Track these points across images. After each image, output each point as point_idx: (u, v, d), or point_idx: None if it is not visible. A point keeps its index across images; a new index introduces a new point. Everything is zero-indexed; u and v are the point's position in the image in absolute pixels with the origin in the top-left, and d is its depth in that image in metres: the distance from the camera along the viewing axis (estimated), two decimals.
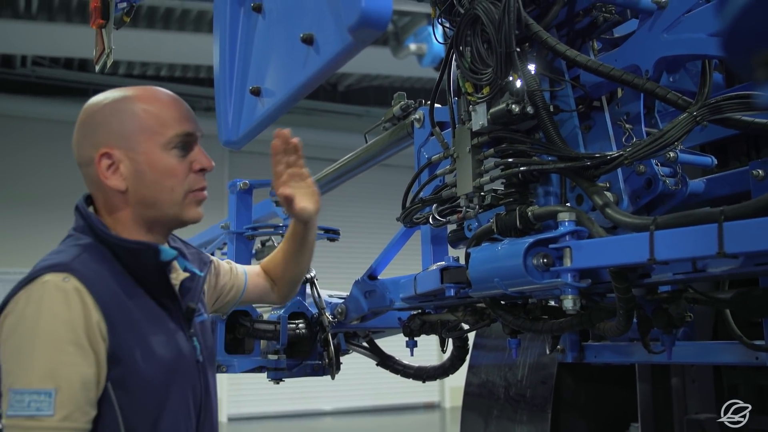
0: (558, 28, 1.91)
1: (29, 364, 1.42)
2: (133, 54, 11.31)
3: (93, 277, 1.53)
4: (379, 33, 1.48)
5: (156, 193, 1.65)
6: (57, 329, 1.45)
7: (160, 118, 1.65)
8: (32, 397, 1.40)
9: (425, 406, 14.61)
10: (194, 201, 1.70)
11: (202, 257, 1.93)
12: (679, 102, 1.62)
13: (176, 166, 1.65)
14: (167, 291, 1.67)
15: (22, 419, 1.39)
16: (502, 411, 2.91)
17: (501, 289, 1.79)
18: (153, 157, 1.64)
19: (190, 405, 1.65)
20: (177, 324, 1.68)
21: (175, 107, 1.69)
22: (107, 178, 1.64)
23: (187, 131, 1.67)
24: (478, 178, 1.89)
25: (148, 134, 1.63)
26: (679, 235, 1.44)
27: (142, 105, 1.66)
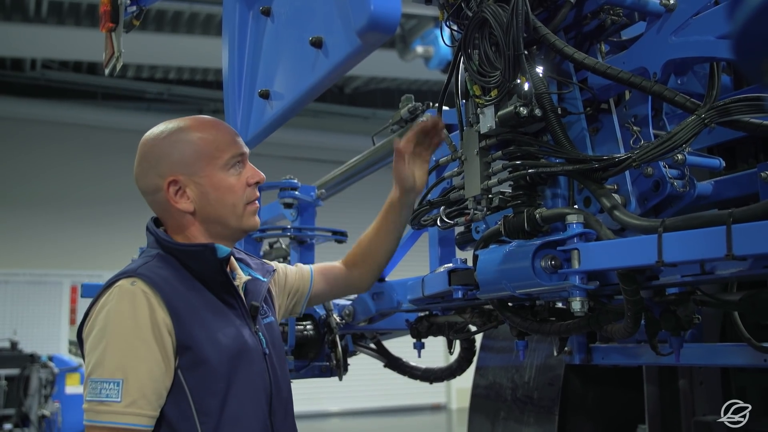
0: (566, 31, 1.92)
1: (102, 357, 1.65)
2: (141, 57, 11.35)
3: (158, 279, 1.72)
4: (388, 36, 1.48)
5: (220, 210, 1.85)
6: (125, 327, 1.66)
7: (216, 143, 1.83)
8: (104, 386, 1.63)
9: (432, 407, 14.61)
10: (252, 211, 1.89)
11: (266, 267, 2.10)
12: (687, 104, 1.62)
13: (234, 183, 1.85)
14: (229, 289, 1.84)
15: (96, 404, 1.63)
16: (509, 412, 2.91)
17: (509, 291, 1.79)
18: (214, 179, 1.83)
19: (260, 391, 1.81)
20: (242, 320, 1.84)
21: (226, 132, 1.88)
22: (177, 202, 1.83)
23: (239, 152, 1.86)
24: (486, 181, 1.89)
25: (207, 159, 1.82)
26: (687, 238, 1.44)
27: (197, 134, 1.84)
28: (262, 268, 2.08)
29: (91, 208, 12.71)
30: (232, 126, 2.21)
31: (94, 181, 12.68)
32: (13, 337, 8.98)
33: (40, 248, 12.58)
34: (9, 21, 10.04)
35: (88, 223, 12.69)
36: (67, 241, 12.60)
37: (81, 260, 12.42)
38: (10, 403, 8.35)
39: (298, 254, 3.26)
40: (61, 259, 12.54)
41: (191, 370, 1.71)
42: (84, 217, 12.73)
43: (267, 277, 2.05)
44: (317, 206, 3.40)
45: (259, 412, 1.80)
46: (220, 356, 1.73)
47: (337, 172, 3.68)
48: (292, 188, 3.31)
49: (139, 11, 3.01)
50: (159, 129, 1.88)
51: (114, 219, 12.49)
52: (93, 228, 12.58)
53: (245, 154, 1.89)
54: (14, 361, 8.54)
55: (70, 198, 12.82)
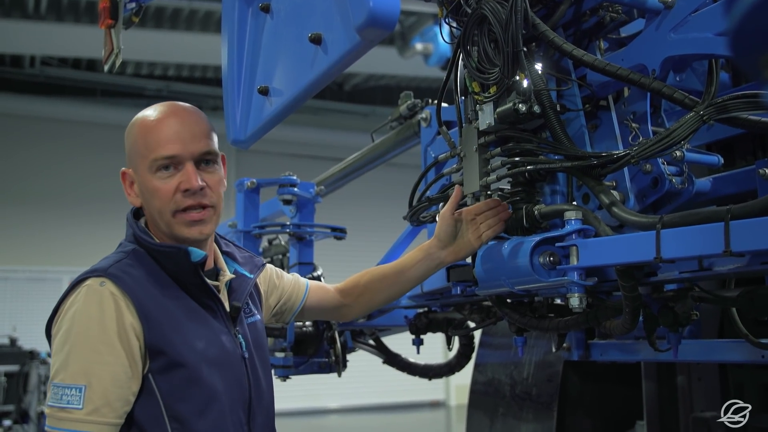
0: (565, 28, 1.92)
1: (66, 361, 1.58)
2: (140, 54, 11.34)
3: (129, 281, 1.64)
4: (387, 33, 1.48)
5: (152, 211, 1.76)
6: (90, 330, 1.59)
7: (147, 141, 1.73)
8: (65, 391, 1.56)
9: (431, 404, 14.62)
10: (183, 222, 1.73)
11: (255, 261, 2.00)
12: (685, 101, 1.62)
13: (160, 187, 1.72)
14: (206, 291, 1.74)
15: (56, 410, 1.56)
16: (507, 409, 2.91)
17: (507, 288, 1.79)
18: (143, 178, 1.74)
19: (236, 398, 1.73)
20: (220, 322, 1.76)
21: (166, 129, 1.73)
22: (129, 195, 1.80)
23: (166, 154, 1.71)
24: (485, 177, 1.89)
25: (139, 157, 1.74)
26: (685, 234, 1.45)
27: (138, 128, 1.76)
28: (250, 262, 1.97)
29: (90, 205, 12.71)
30: (231, 123, 2.20)
31: (93, 178, 12.67)
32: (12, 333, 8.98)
33: (40, 245, 12.58)
34: (8, 17, 10.03)
35: (87, 219, 12.69)
36: (66, 238, 12.60)
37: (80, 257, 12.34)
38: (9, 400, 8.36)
39: (297, 251, 3.26)
40: (61, 255, 12.54)
41: (163, 375, 1.63)
42: (83, 214, 12.73)
43: (255, 272, 1.95)
44: (316, 203, 3.41)
45: (236, 419, 1.72)
46: (195, 361, 1.65)
47: (336, 169, 3.68)
48: (291, 185, 3.32)
49: (139, 8, 3.01)
50: (132, 121, 1.81)
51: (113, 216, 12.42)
52: (92, 225, 12.57)
53: (179, 156, 1.71)
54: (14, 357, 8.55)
55: (69, 195, 12.82)
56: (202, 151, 1.74)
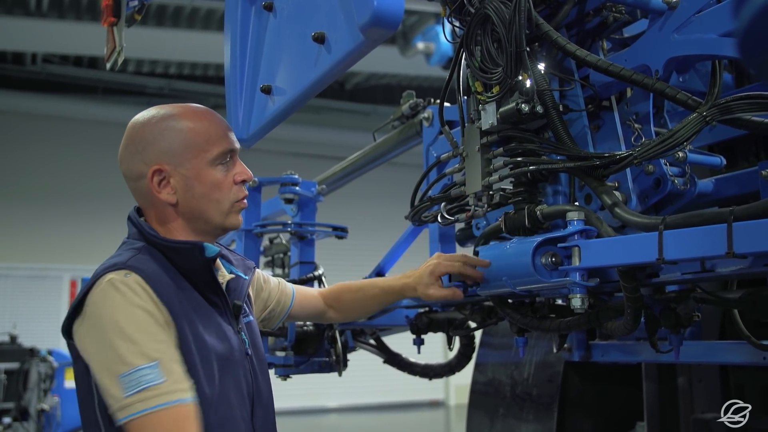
0: (568, 28, 1.92)
1: (124, 350, 1.53)
2: (141, 52, 11.33)
3: (150, 272, 1.64)
4: (391, 32, 1.48)
5: (204, 205, 1.77)
6: (135, 314, 1.57)
7: (207, 135, 1.76)
8: (140, 374, 1.51)
9: (430, 403, 14.62)
10: (237, 209, 1.82)
11: (247, 263, 2.02)
12: (688, 102, 1.62)
13: (222, 180, 1.77)
14: (214, 288, 1.77)
15: (139, 394, 1.50)
16: (508, 409, 2.91)
17: (509, 288, 1.79)
18: (201, 172, 1.75)
19: (244, 393, 1.75)
20: (225, 319, 1.78)
21: (218, 124, 1.80)
22: (159, 192, 1.75)
23: (230, 148, 1.79)
24: (487, 177, 1.89)
25: (195, 151, 1.74)
26: (688, 235, 1.45)
27: (187, 123, 1.75)
28: (242, 264, 2.00)
29: (91, 203, 12.71)
30: (233, 121, 2.20)
31: (94, 176, 12.67)
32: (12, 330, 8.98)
33: (40, 242, 12.58)
34: (10, 15, 10.02)
35: (88, 217, 12.69)
36: (67, 236, 12.61)
37: (81, 255, 12.42)
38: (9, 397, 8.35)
39: (298, 250, 3.26)
40: (61, 253, 12.54)
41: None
42: (84, 212, 12.74)
43: (248, 274, 1.97)
44: (318, 202, 3.40)
45: (244, 415, 1.73)
46: (208, 357, 1.66)
47: (338, 168, 3.68)
48: (293, 184, 3.32)
49: (141, 5, 3.00)
50: (150, 113, 1.79)
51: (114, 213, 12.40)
52: (93, 222, 12.58)
53: (236, 150, 1.82)
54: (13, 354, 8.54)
55: (70, 192, 12.83)
56: (239, 146, 1.85)
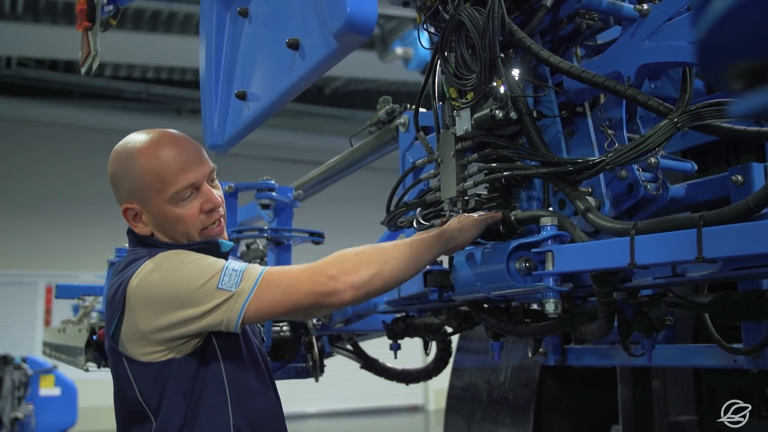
0: (542, 35, 1.93)
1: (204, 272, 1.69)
2: (119, 56, 11.26)
3: None
4: (364, 38, 1.48)
5: (175, 235, 1.84)
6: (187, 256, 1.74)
7: (161, 176, 1.78)
8: (228, 271, 1.69)
9: (409, 408, 14.62)
10: (209, 234, 1.86)
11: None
12: (660, 108, 1.64)
13: (184, 214, 1.81)
14: None
15: (246, 272, 1.70)
16: (484, 413, 2.92)
17: (484, 293, 1.80)
18: (162, 210, 1.80)
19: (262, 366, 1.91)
20: None
21: (176, 160, 1.80)
22: (135, 226, 1.86)
23: (187, 184, 1.79)
24: (462, 183, 1.90)
25: (153, 192, 1.79)
26: (659, 240, 1.46)
27: (144, 163, 1.79)
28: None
29: (67, 209, 12.58)
30: (208, 127, 2.19)
31: (70, 181, 12.55)
32: None
33: (15, 249, 12.43)
34: None
35: (64, 223, 12.56)
36: (42, 242, 12.47)
37: (56, 261, 12.30)
38: None
39: (275, 255, 3.25)
40: (37, 259, 12.40)
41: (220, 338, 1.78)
42: (60, 218, 12.60)
43: None
44: (294, 207, 3.40)
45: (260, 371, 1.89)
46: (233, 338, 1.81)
47: (315, 173, 3.68)
48: (270, 189, 3.31)
49: (116, 10, 2.99)
50: (119, 148, 1.86)
51: (90, 220, 12.37)
52: (69, 229, 12.46)
53: (199, 181, 1.82)
54: None
55: (45, 198, 12.69)
56: (210, 169, 1.85)
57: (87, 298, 5.01)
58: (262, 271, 1.69)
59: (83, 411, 8.23)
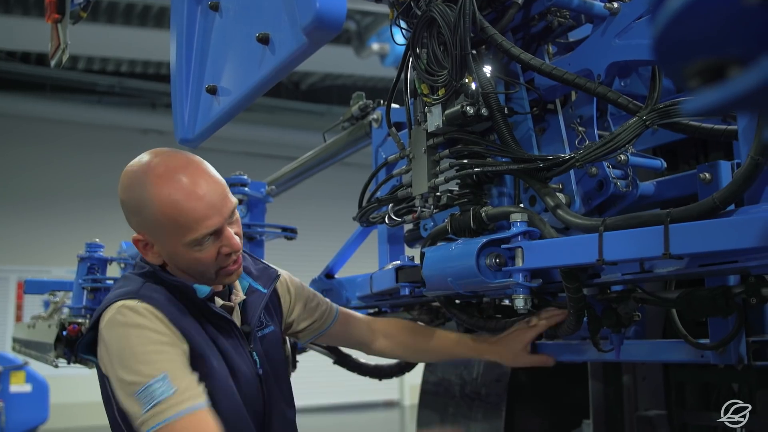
0: (514, 32, 1.93)
1: (137, 369, 1.60)
2: (92, 49, 11.14)
3: (159, 300, 1.71)
4: (334, 34, 1.48)
5: (190, 271, 1.78)
6: (146, 336, 1.63)
7: (178, 222, 1.68)
8: (152, 389, 1.57)
9: (385, 403, 14.64)
10: (225, 274, 1.79)
11: (269, 272, 2.01)
12: (629, 106, 1.65)
13: (202, 258, 1.74)
14: (219, 317, 1.80)
15: (154, 408, 1.56)
16: (457, 408, 2.93)
17: (454, 289, 1.81)
18: (177, 250, 1.73)
19: (252, 416, 1.79)
20: (235, 340, 1.82)
21: (197, 206, 1.69)
22: (146, 254, 1.79)
23: (207, 232, 1.70)
24: (434, 179, 1.90)
25: (168, 234, 1.71)
26: (626, 237, 1.48)
27: (160, 205, 1.68)
28: (265, 274, 2.00)
29: (38, 203, 12.43)
30: (179, 121, 2.18)
31: (42, 175, 12.41)
32: None
33: None
34: None
35: (36, 218, 12.41)
36: (13, 237, 12.31)
37: (28, 256, 12.15)
38: None
39: (248, 250, 3.24)
40: (8, 254, 12.24)
41: None
42: (31, 212, 12.44)
43: (269, 285, 1.97)
44: (267, 203, 3.39)
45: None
46: (214, 382, 1.71)
47: (288, 169, 3.67)
48: (242, 184, 3.29)
49: (87, 3, 2.95)
50: (130, 176, 1.74)
51: (62, 214, 12.24)
52: (40, 223, 12.31)
53: (218, 228, 1.72)
54: None
55: (16, 192, 12.53)
56: (231, 209, 1.76)
57: (57, 294, 4.96)
58: (169, 418, 1.55)
59: (55, 408, 8.15)
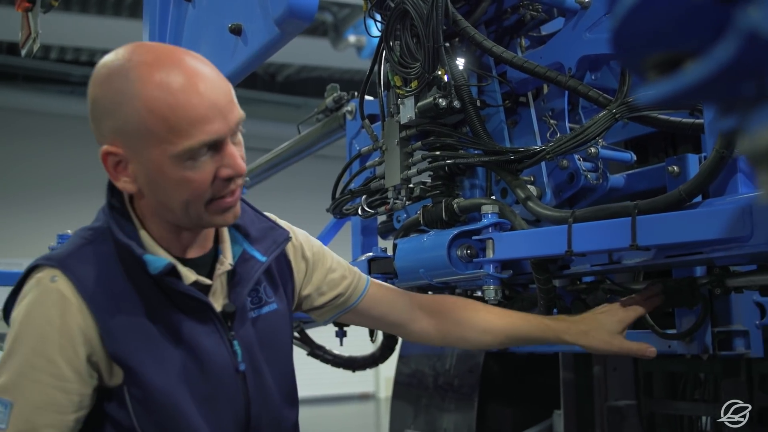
0: (487, 25, 1.95)
1: (3, 365, 1.30)
2: (66, 38, 10.99)
3: (87, 278, 1.31)
4: (305, 25, 1.49)
5: (170, 203, 1.32)
6: (29, 338, 1.28)
7: (170, 121, 1.23)
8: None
9: (360, 396, 14.68)
10: (217, 210, 1.33)
11: (275, 234, 1.52)
12: (599, 99, 1.68)
13: (193, 178, 1.27)
14: (186, 296, 1.36)
15: None
16: (430, 399, 2.95)
17: (426, 280, 1.82)
18: (161, 167, 1.27)
19: (226, 422, 1.39)
20: (210, 327, 1.39)
21: (198, 101, 1.25)
22: (116, 178, 1.32)
23: (207, 141, 1.25)
24: (406, 171, 1.92)
25: (153, 140, 1.25)
26: (595, 228, 1.50)
27: (148, 97, 1.23)
28: (268, 236, 1.51)
29: (10, 193, 12.29)
30: None
31: (14, 166, 12.26)
32: None
33: None
34: None
35: (7, 208, 12.27)
36: None
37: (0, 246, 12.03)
38: None
39: None
40: None
41: (137, 395, 1.31)
42: (2, 203, 12.31)
43: (271, 251, 1.49)
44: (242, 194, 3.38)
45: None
46: (171, 386, 1.32)
47: (263, 161, 3.67)
48: None
49: None
50: (109, 65, 1.30)
51: (35, 205, 12.11)
52: (12, 214, 12.18)
53: (220, 138, 1.27)
54: None
55: None
56: (238, 120, 1.31)
57: None
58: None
59: None
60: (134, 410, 1.31)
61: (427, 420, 2.98)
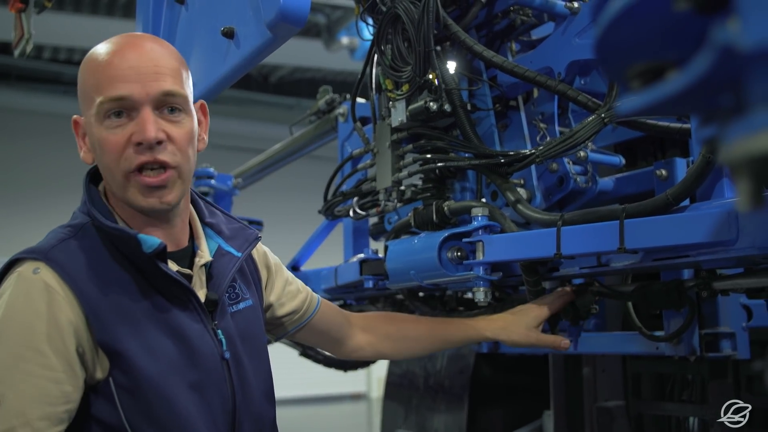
0: (478, 29, 1.97)
1: None
2: (59, 39, 10.97)
3: (71, 266, 1.32)
4: (298, 29, 1.50)
5: (103, 171, 1.38)
6: (15, 331, 1.27)
7: (97, 79, 1.33)
8: None
9: (352, 396, 14.68)
10: (137, 186, 1.34)
11: (246, 234, 1.57)
12: (588, 104, 1.69)
13: (107, 139, 1.32)
14: (171, 282, 1.37)
15: None
16: (421, 400, 2.97)
17: (417, 282, 1.83)
18: (92, 128, 1.35)
19: (216, 411, 1.39)
20: (194, 316, 1.40)
21: (119, 63, 1.33)
22: (80, 148, 1.42)
23: (117, 95, 1.31)
24: (397, 173, 1.93)
25: (88, 101, 1.35)
26: (584, 231, 1.52)
27: (89, 63, 1.37)
28: (240, 235, 1.55)
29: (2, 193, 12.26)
30: None
31: (6, 165, 12.22)
32: None
33: None
34: None
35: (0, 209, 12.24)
36: None
37: None
38: None
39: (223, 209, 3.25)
40: None
41: (124, 385, 1.30)
42: None
43: (244, 248, 1.53)
44: (234, 195, 3.39)
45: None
46: (160, 373, 1.31)
47: (255, 162, 3.67)
48: (208, 177, 3.30)
49: None
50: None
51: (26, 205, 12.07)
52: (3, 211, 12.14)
53: (134, 99, 1.31)
54: None
55: None
56: (163, 90, 1.33)
57: None
58: None
59: None
60: (122, 402, 1.30)
61: (418, 420, 2.99)
